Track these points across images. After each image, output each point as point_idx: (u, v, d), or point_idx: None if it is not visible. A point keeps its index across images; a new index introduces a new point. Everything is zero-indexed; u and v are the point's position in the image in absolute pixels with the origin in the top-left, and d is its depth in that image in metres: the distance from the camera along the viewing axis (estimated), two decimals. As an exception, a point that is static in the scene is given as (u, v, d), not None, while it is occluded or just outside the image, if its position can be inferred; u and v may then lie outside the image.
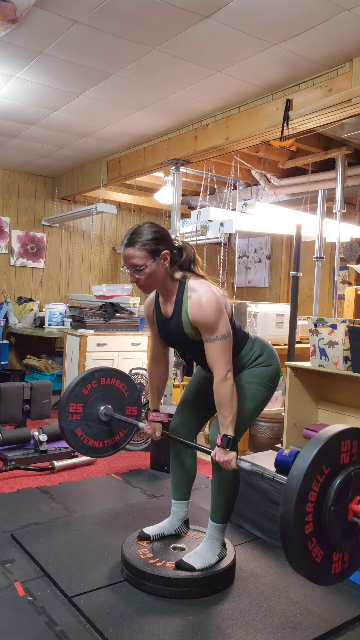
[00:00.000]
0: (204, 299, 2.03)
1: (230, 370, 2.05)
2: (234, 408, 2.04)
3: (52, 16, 2.69)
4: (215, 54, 3.01)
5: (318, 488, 1.51)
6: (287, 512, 1.46)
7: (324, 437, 1.53)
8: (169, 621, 1.93)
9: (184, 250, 2.17)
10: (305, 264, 4.93)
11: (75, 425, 2.69)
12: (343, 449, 1.57)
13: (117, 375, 2.83)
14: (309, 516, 1.49)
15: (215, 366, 2.04)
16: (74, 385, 2.69)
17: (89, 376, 2.74)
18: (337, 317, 3.70)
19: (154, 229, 2.09)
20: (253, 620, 1.96)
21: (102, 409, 2.75)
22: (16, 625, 1.88)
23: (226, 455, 2.03)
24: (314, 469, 1.49)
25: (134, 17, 2.66)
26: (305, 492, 1.48)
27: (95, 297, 5.48)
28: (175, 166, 4.37)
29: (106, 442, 2.81)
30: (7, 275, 5.98)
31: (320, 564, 1.54)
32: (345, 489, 1.56)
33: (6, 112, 4.12)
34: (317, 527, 1.52)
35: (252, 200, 4.44)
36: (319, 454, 1.49)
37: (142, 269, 2.05)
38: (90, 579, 2.18)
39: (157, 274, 2.08)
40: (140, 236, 2.06)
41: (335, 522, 1.54)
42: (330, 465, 1.53)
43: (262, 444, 3.96)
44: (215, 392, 2.05)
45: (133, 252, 2.05)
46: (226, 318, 2.06)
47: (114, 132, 4.49)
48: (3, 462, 3.50)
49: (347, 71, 3.02)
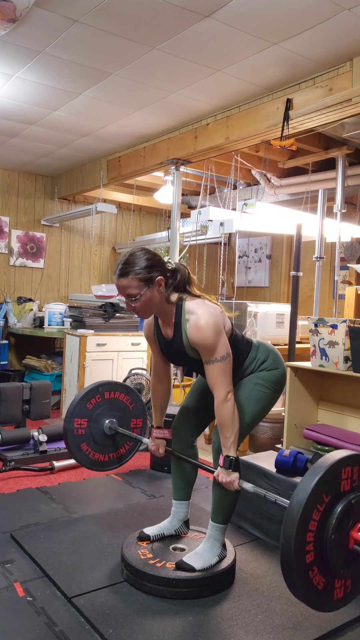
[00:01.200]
0: (202, 322, 2.02)
1: (231, 391, 2.05)
2: (235, 429, 2.04)
3: (51, 15, 2.68)
4: (216, 54, 3.01)
5: (319, 517, 1.51)
6: (288, 542, 1.46)
7: (324, 465, 1.52)
8: (169, 622, 1.92)
9: (177, 272, 2.15)
10: (305, 263, 4.93)
11: (80, 440, 2.71)
12: (343, 476, 1.56)
13: (121, 389, 2.85)
14: (309, 545, 1.49)
15: (215, 388, 2.04)
16: (79, 400, 2.71)
17: (93, 391, 2.76)
18: (338, 317, 3.69)
19: (146, 256, 2.06)
20: (253, 621, 1.96)
21: (107, 422, 2.77)
22: (16, 625, 1.88)
23: (229, 476, 2.04)
24: (314, 499, 1.49)
25: (133, 17, 2.66)
26: (306, 521, 1.47)
27: (95, 297, 5.47)
28: (175, 166, 4.37)
29: (111, 456, 2.84)
30: (7, 275, 5.97)
31: (322, 591, 1.54)
32: (346, 517, 1.55)
33: (6, 111, 4.12)
34: (318, 556, 1.51)
35: (252, 200, 4.43)
36: (319, 482, 1.49)
37: (138, 297, 2.05)
38: (90, 579, 2.17)
39: (153, 301, 2.07)
40: (132, 266, 2.04)
41: (336, 550, 1.54)
42: (330, 494, 1.53)
43: (263, 444, 3.95)
44: (217, 414, 2.06)
45: (127, 283, 2.04)
46: (225, 339, 2.05)
47: (113, 132, 4.49)
48: (3, 462, 3.50)
49: (347, 70, 3.01)
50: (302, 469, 2.65)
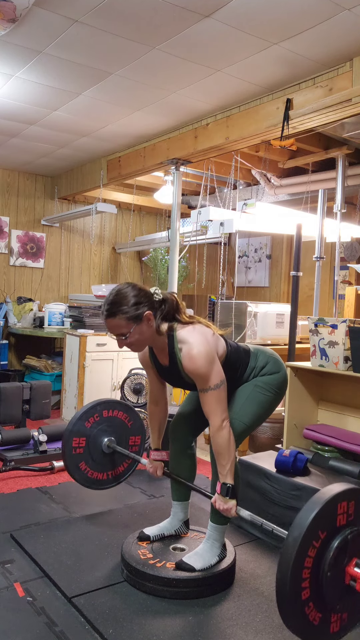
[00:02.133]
0: (194, 351, 2.01)
1: (226, 419, 2.05)
2: (231, 456, 2.05)
3: (51, 15, 2.68)
4: (215, 54, 3.01)
5: (314, 554, 1.50)
6: (284, 579, 1.46)
7: (321, 501, 1.52)
8: (169, 621, 1.92)
9: (165, 302, 2.13)
10: (305, 263, 4.93)
11: (79, 460, 2.72)
12: (339, 511, 1.55)
13: (119, 407, 2.85)
14: (305, 582, 1.49)
15: (210, 416, 2.04)
16: (77, 419, 2.72)
17: (91, 410, 2.77)
18: (338, 317, 3.69)
19: (132, 293, 2.05)
20: (253, 621, 1.96)
21: (106, 441, 2.77)
22: (16, 625, 1.88)
23: (226, 504, 2.05)
24: (310, 535, 1.48)
25: (133, 17, 2.66)
26: (302, 558, 1.47)
27: (95, 297, 5.47)
28: (175, 166, 4.37)
29: (109, 474, 2.86)
30: (7, 275, 5.97)
31: (317, 626, 1.54)
32: (342, 553, 1.55)
33: (6, 111, 4.12)
34: (314, 592, 1.51)
35: (252, 200, 4.43)
36: (315, 519, 1.48)
37: (128, 336, 2.04)
38: (90, 579, 2.17)
39: (144, 336, 2.07)
40: (119, 305, 2.02)
41: (332, 586, 1.53)
42: (326, 529, 1.53)
43: (263, 444, 3.95)
44: (212, 441, 2.06)
45: (115, 323, 2.04)
46: (218, 367, 2.05)
47: (113, 132, 4.49)
48: (3, 462, 3.50)
49: (347, 70, 3.01)
50: (302, 469, 2.66)
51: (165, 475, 2.44)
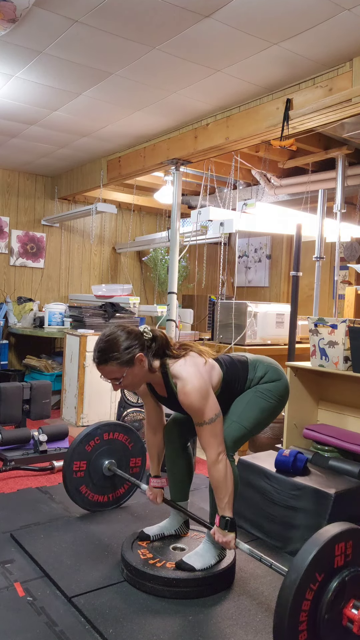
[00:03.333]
0: (188, 387, 2.02)
1: (222, 452, 2.05)
2: (229, 489, 2.05)
3: (51, 16, 2.68)
4: (215, 54, 3.01)
5: (312, 597, 1.50)
6: (281, 623, 1.46)
7: (318, 543, 1.51)
8: (169, 621, 1.93)
9: (155, 339, 2.13)
10: (305, 263, 4.93)
11: (79, 483, 2.73)
12: (337, 552, 1.55)
13: (120, 429, 2.87)
14: (302, 625, 1.49)
15: (206, 450, 2.06)
16: (78, 443, 2.73)
17: (91, 433, 2.78)
18: (338, 317, 3.70)
19: (123, 337, 2.04)
20: (253, 621, 1.96)
21: (107, 463, 2.78)
22: (16, 625, 1.88)
23: (225, 537, 2.06)
24: (308, 578, 1.48)
25: (133, 17, 2.66)
26: (299, 602, 1.47)
27: (95, 297, 5.47)
28: (175, 166, 4.37)
29: (110, 496, 2.87)
30: (7, 275, 5.97)
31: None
32: (339, 595, 1.54)
33: (6, 111, 4.12)
34: (311, 635, 1.51)
35: (252, 200, 4.43)
36: (312, 562, 1.48)
37: (121, 380, 2.06)
38: (90, 579, 2.18)
39: (138, 376, 2.09)
40: (110, 352, 2.03)
41: (329, 629, 1.53)
42: (324, 571, 1.52)
43: (262, 444, 3.95)
44: (209, 475, 2.08)
45: (108, 369, 2.05)
46: (212, 400, 2.05)
47: (113, 132, 4.49)
48: (3, 462, 3.50)
49: (347, 71, 3.01)
50: (302, 469, 2.66)
51: (165, 503, 2.46)
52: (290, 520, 2.52)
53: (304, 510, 2.47)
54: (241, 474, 2.72)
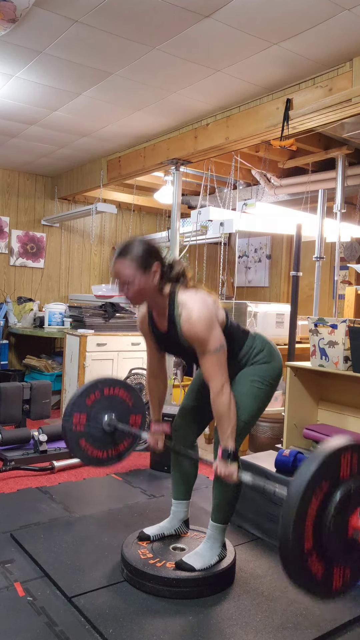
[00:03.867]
0: (194, 315, 2.01)
1: (226, 383, 2.04)
2: (232, 421, 2.04)
3: (51, 16, 2.68)
4: (215, 54, 3.01)
5: (317, 504, 1.49)
6: (286, 529, 1.45)
7: (324, 451, 1.51)
8: (169, 621, 1.93)
9: (174, 266, 2.15)
10: (305, 263, 4.93)
11: (79, 436, 2.69)
12: (343, 463, 1.55)
13: (120, 385, 2.83)
14: (308, 532, 1.48)
15: (210, 380, 2.04)
16: (78, 395, 2.69)
17: (92, 387, 2.74)
18: (338, 317, 3.70)
19: (145, 244, 2.07)
20: (253, 621, 1.96)
21: (106, 418, 2.76)
22: (16, 625, 1.88)
23: (227, 468, 2.03)
24: (314, 485, 1.47)
25: (134, 17, 2.66)
26: (305, 508, 1.46)
27: (95, 297, 5.47)
28: (175, 166, 4.37)
29: (110, 452, 2.80)
30: (7, 275, 5.97)
31: (320, 580, 1.52)
32: (345, 504, 1.54)
33: (6, 111, 4.12)
34: (316, 543, 1.50)
35: (252, 200, 4.44)
36: (318, 469, 1.47)
37: (131, 282, 2.05)
38: (90, 579, 2.18)
39: (146, 288, 2.07)
40: (130, 250, 2.04)
41: (335, 538, 1.52)
42: (329, 480, 1.52)
43: (262, 444, 3.95)
44: (213, 406, 2.06)
45: (123, 266, 2.04)
46: (218, 331, 2.04)
47: (113, 132, 4.49)
48: (3, 462, 3.50)
49: (347, 71, 3.01)
50: (302, 469, 2.65)
51: (167, 448, 2.41)
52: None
53: (304, 510, 2.47)
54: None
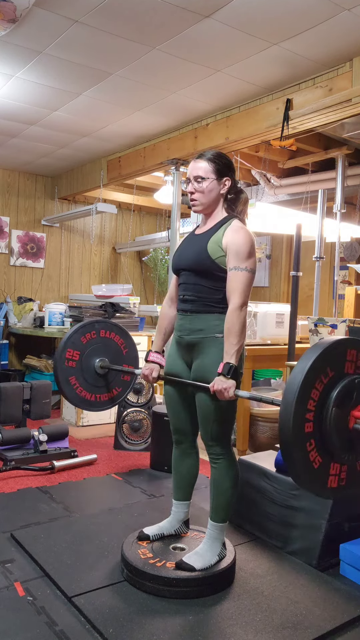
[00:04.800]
0: (243, 232, 2.12)
1: (246, 305, 2.09)
2: (242, 340, 2.07)
3: (52, 16, 2.68)
4: (215, 54, 3.01)
5: (321, 388, 1.48)
6: (288, 406, 1.43)
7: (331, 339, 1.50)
8: (169, 621, 1.93)
9: (240, 195, 2.26)
10: (305, 263, 4.93)
11: (70, 373, 2.63)
12: (349, 357, 1.54)
13: (117, 330, 2.76)
14: (309, 414, 1.46)
15: (234, 294, 2.08)
16: (73, 332, 2.63)
17: (88, 325, 2.68)
18: (337, 317, 3.70)
19: (227, 157, 2.22)
20: (253, 620, 1.96)
21: (98, 361, 2.69)
22: (16, 625, 1.88)
23: (225, 382, 2.02)
24: (319, 368, 1.46)
25: (134, 17, 2.66)
26: (308, 388, 1.44)
27: (95, 297, 5.48)
28: (175, 166, 4.37)
29: (99, 397, 2.75)
30: (7, 275, 5.98)
31: (316, 470, 1.50)
32: (348, 396, 1.52)
33: (6, 111, 4.12)
34: (317, 429, 1.48)
35: (252, 200, 4.44)
36: (324, 353, 1.46)
37: (203, 180, 2.16)
38: (90, 579, 2.18)
39: (213, 194, 2.18)
40: (211, 154, 2.19)
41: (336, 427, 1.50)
42: (335, 370, 1.51)
43: (262, 444, 3.95)
44: (228, 321, 2.07)
45: (201, 164, 2.17)
46: (255, 259, 2.12)
47: (113, 132, 4.49)
48: (3, 462, 3.50)
49: (347, 71, 3.02)
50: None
51: (160, 379, 2.38)
52: (290, 520, 2.52)
53: (304, 510, 2.47)
54: (241, 474, 2.72)
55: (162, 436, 3.51)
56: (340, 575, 2.34)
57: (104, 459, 3.86)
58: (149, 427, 4.07)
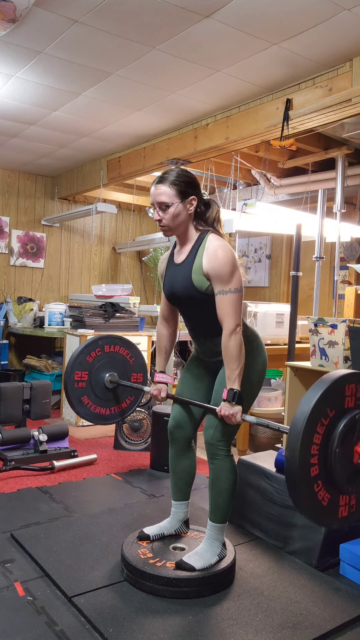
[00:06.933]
0: (221, 252, 2.05)
1: (240, 325, 2.06)
2: (241, 362, 2.05)
3: (52, 16, 2.68)
4: (215, 54, 3.01)
5: (323, 430, 1.49)
6: (293, 454, 1.44)
7: (328, 380, 1.50)
8: (169, 621, 1.93)
9: (210, 206, 2.20)
10: (305, 263, 4.93)
11: (81, 394, 2.69)
12: (348, 392, 1.55)
13: (121, 343, 2.81)
14: (314, 458, 1.47)
15: (226, 319, 2.05)
16: (78, 353, 2.68)
17: (92, 344, 2.72)
18: (337, 317, 3.70)
19: (187, 174, 2.14)
20: (253, 620, 1.96)
21: (107, 376, 2.74)
22: (16, 625, 1.88)
23: (232, 408, 2.03)
24: (319, 412, 1.47)
25: (133, 17, 2.66)
26: (310, 434, 1.45)
27: (95, 297, 5.48)
28: (175, 166, 4.37)
29: (113, 410, 2.81)
30: (7, 275, 5.98)
31: (326, 507, 1.51)
32: (350, 432, 1.53)
33: (6, 111, 4.12)
34: (322, 470, 1.49)
35: (252, 200, 4.44)
36: (323, 396, 1.47)
37: (168, 207, 2.10)
38: (90, 579, 2.18)
39: (181, 217, 2.12)
40: (172, 176, 2.11)
41: (341, 465, 1.51)
42: (335, 409, 1.51)
43: (262, 444, 3.95)
44: (224, 346, 2.06)
45: (162, 189, 2.10)
46: (240, 274, 2.08)
47: (113, 132, 4.49)
48: (3, 462, 3.50)
49: (347, 71, 3.02)
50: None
51: (169, 398, 2.40)
52: (290, 520, 2.52)
53: (304, 510, 2.47)
54: (241, 474, 2.72)
55: (162, 436, 3.51)
56: (340, 575, 2.34)
57: (104, 459, 3.86)
58: (149, 427, 4.07)
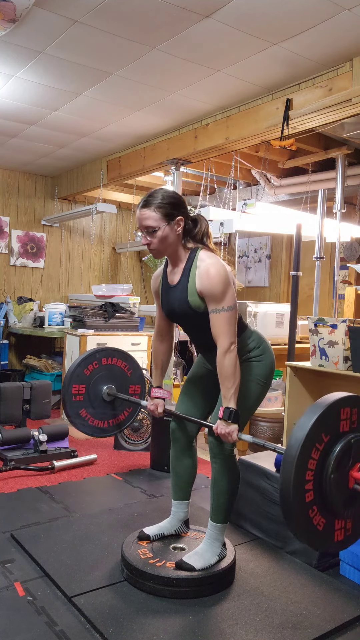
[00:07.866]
0: (213, 270, 2.04)
1: (234, 343, 2.05)
2: (237, 380, 2.04)
3: (52, 16, 2.68)
4: (215, 54, 3.01)
5: (318, 456, 1.49)
6: (287, 481, 1.44)
7: (323, 404, 1.50)
8: (169, 621, 1.93)
9: (198, 222, 2.19)
10: (305, 263, 4.93)
11: (79, 407, 2.69)
12: (343, 416, 1.54)
13: (118, 355, 2.81)
14: (309, 484, 1.47)
15: (220, 337, 2.04)
16: (75, 366, 2.68)
17: (89, 357, 2.72)
18: (337, 317, 3.70)
19: (171, 194, 2.12)
20: (253, 620, 1.96)
21: (105, 389, 2.74)
22: (16, 625, 1.88)
23: (228, 427, 2.03)
24: (313, 437, 1.46)
25: (133, 17, 2.66)
26: (305, 460, 1.45)
27: (95, 297, 5.48)
28: (175, 166, 4.37)
29: (111, 422, 2.81)
30: (7, 275, 5.98)
31: (322, 531, 1.51)
32: (345, 457, 1.53)
33: (6, 112, 4.12)
34: (317, 495, 1.49)
35: (252, 200, 4.43)
36: (317, 421, 1.46)
37: (155, 231, 2.08)
38: (90, 579, 2.18)
39: (169, 239, 2.10)
40: (156, 199, 2.08)
41: (336, 490, 1.51)
42: (330, 433, 1.51)
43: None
44: (218, 365, 2.05)
45: (148, 214, 2.08)
46: (233, 291, 2.07)
47: (113, 132, 4.49)
48: (3, 462, 3.50)
49: (347, 71, 3.02)
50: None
51: (166, 413, 2.40)
52: (290, 520, 2.52)
53: (304, 510, 2.47)
54: (241, 474, 2.72)
55: (162, 436, 3.51)
56: (340, 575, 2.34)
57: (104, 459, 3.86)
58: (149, 427, 4.07)
